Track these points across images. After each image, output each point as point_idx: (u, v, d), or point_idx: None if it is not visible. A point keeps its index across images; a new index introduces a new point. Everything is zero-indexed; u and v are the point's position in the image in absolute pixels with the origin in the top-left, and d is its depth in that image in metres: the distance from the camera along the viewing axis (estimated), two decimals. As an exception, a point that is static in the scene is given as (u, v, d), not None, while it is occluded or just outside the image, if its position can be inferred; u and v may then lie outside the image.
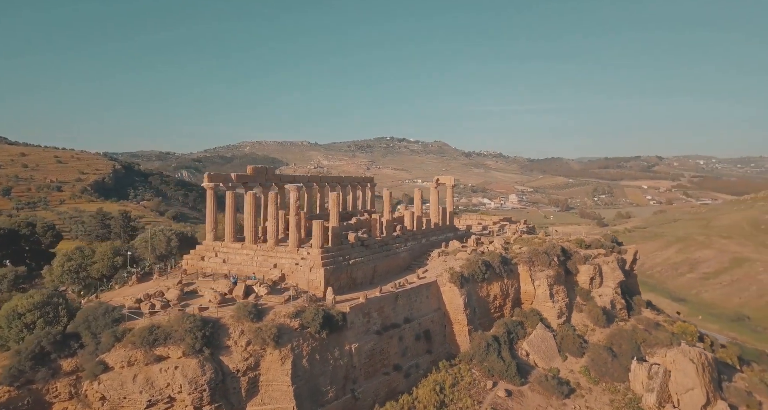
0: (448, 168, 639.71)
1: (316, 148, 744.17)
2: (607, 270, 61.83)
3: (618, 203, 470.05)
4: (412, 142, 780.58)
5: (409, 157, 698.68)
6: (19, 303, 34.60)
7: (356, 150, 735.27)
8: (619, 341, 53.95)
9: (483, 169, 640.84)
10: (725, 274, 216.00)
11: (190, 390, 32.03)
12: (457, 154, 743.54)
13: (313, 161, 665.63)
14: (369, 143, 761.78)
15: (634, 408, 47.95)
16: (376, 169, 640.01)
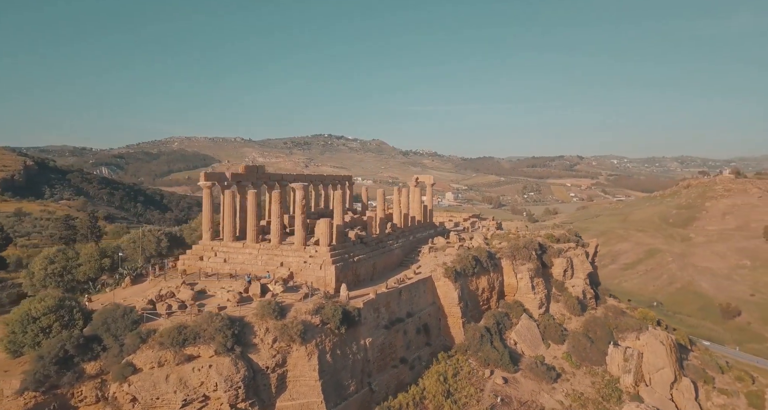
0: (387, 166, 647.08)
1: (250, 145, 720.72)
2: (577, 263, 67.09)
3: (545, 200, 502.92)
4: (351, 139, 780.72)
5: (348, 155, 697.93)
6: (33, 307, 33.44)
7: (293, 147, 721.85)
8: (594, 328, 58.96)
9: (420, 167, 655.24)
10: (641, 265, 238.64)
11: (226, 387, 32.13)
12: (395, 152, 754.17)
13: (247, 158, 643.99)
14: (306, 140, 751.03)
15: (613, 389, 52.75)
16: (315, 166, 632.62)
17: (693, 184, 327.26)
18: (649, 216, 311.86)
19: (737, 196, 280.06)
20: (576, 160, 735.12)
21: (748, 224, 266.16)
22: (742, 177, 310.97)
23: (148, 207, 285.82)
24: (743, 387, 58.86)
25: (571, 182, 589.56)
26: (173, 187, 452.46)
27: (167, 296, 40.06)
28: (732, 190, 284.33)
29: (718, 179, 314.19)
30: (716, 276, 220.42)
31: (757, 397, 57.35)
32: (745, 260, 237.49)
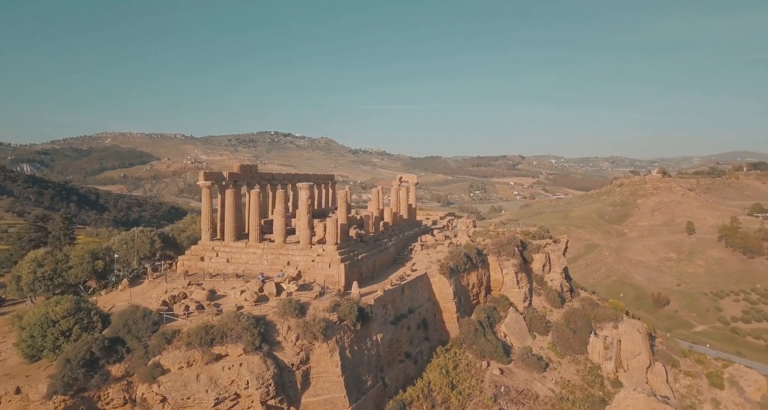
0: (336, 164, 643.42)
1: (192, 142, 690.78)
2: (554, 258, 70.95)
3: (490, 198, 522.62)
4: (299, 137, 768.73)
5: (296, 153, 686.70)
6: (51, 311, 32.99)
7: (238, 144, 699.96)
8: (575, 319, 62.74)
9: (370, 166, 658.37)
10: (582, 259, 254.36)
11: (257, 385, 32.52)
12: (344, 150, 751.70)
13: (189, 155, 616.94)
14: (252, 137, 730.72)
15: (595, 376, 56.52)
16: (261, 164, 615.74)
17: (625, 182, 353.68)
18: (588, 213, 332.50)
19: (664, 194, 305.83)
20: (518, 159, 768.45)
21: (673, 219, 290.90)
22: (667, 176, 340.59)
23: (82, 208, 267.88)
24: (703, 369, 65.14)
25: (514, 181, 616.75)
26: (108, 186, 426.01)
27: (180, 297, 39.87)
28: (659, 188, 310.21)
29: (648, 178, 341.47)
30: (647, 269, 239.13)
31: (716, 377, 63.63)
32: (672, 253, 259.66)
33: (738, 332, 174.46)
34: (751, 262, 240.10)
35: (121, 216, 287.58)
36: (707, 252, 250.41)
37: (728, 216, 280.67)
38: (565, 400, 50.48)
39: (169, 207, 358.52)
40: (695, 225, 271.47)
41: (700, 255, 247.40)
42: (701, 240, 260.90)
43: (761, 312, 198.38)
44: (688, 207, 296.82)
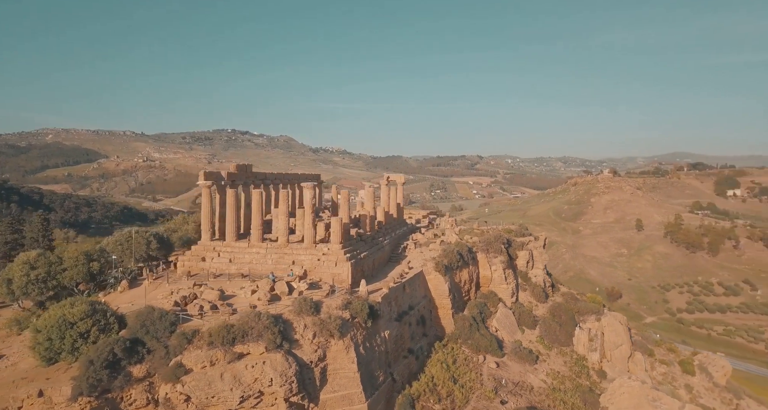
0: (296, 163, 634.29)
1: (143, 139, 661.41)
2: (537, 255, 73.88)
3: (451, 197, 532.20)
4: (257, 135, 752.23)
5: (255, 151, 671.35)
6: (68, 313, 32.74)
7: (193, 142, 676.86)
8: (559, 313, 65.66)
9: (331, 165, 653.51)
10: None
11: (281, 382, 32.94)
12: (304, 149, 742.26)
13: (140, 153, 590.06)
14: (208, 135, 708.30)
15: (581, 366, 59.45)
16: (218, 163, 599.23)
17: (579, 182, 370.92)
18: (545, 212, 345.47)
19: (615, 193, 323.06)
20: (476, 159, 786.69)
21: (624, 217, 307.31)
22: (618, 176, 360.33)
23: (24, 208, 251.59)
24: (675, 357, 69.95)
25: (473, 180, 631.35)
26: (51, 185, 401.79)
27: (191, 298, 39.87)
28: (611, 187, 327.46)
29: (600, 178, 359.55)
30: (601, 264, 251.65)
31: (688, 364, 68.42)
32: (623, 249, 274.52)
33: (683, 322, 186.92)
34: (693, 257, 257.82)
35: (69, 218, 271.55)
36: (654, 247, 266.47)
37: (672, 213, 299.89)
38: (558, 390, 52.93)
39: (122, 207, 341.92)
40: (643, 222, 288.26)
41: (648, 251, 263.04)
42: (649, 237, 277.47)
43: (703, 303, 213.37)
44: (637, 205, 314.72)
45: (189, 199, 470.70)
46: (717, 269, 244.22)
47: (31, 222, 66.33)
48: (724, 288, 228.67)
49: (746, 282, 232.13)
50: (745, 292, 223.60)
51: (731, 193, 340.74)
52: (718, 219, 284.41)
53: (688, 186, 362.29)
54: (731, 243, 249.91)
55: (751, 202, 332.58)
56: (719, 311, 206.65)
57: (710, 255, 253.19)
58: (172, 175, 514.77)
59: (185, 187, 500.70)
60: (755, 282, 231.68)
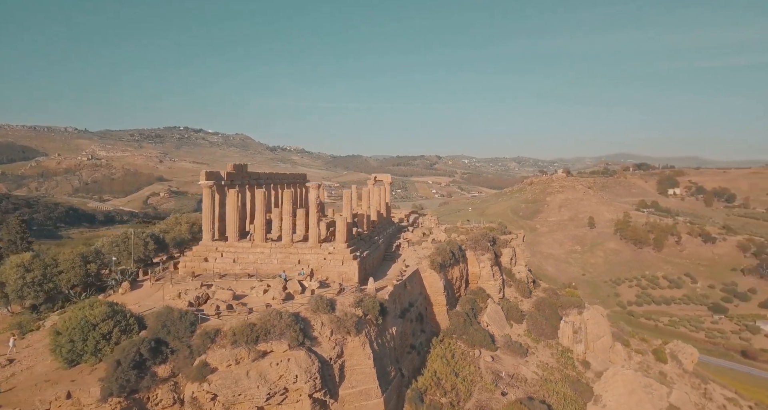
0: (254, 162, 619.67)
1: (86, 136, 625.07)
2: (519, 252, 76.71)
3: (411, 196, 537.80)
4: (211, 133, 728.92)
5: (209, 150, 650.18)
6: (89, 314, 32.73)
7: (142, 140, 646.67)
8: (543, 307, 68.54)
9: (290, 164, 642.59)
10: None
11: (306, 379, 33.64)
12: (261, 148, 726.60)
13: (84, 151, 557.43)
14: (158, 133, 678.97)
15: (567, 358, 62.38)
16: (171, 161, 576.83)
17: (535, 181, 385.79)
18: (503, 210, 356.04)
19: (569, 192, 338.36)
20: (435, 159, 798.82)
21: (577, 215, 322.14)
22: (571, 176, 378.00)
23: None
24: (648, 346, 74.81)
25: (432, 180, 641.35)
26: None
27: (203, 298, 40.07)
28: (565, 186, 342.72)
29: (554, 177, 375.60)
30: (557, 261, 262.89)
31: (660, 352, 73.20)
32: (577, 246, 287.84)
33: (633, 314, 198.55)
34: (640, 252, 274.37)
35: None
36: (606, 244, 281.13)
37: (621, 211, 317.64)
38: (549, 381, 55.50)
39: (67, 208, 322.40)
40: (595, 220, 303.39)
41: (600, 247, 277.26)
42: (600, 234, 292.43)
43: (650, 295, 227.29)
44: (589, 203, 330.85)
45: (140, 199, 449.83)
46: (662, 263, 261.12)
47: (8, 225, 62.24)
48: (669, 282, 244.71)
49: (687, 275, 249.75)
50: (687, 285, 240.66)
51: (672, 192, 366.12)
52: (661, 216, 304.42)
53: (634, 185, 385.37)
54: (674, 239, 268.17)
55: (689, 200, 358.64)
56: (664, 303, 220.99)
57: (655, 250, 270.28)
58: (120, 174, 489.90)
59: (134, 186, 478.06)
60: (695, 275, 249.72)
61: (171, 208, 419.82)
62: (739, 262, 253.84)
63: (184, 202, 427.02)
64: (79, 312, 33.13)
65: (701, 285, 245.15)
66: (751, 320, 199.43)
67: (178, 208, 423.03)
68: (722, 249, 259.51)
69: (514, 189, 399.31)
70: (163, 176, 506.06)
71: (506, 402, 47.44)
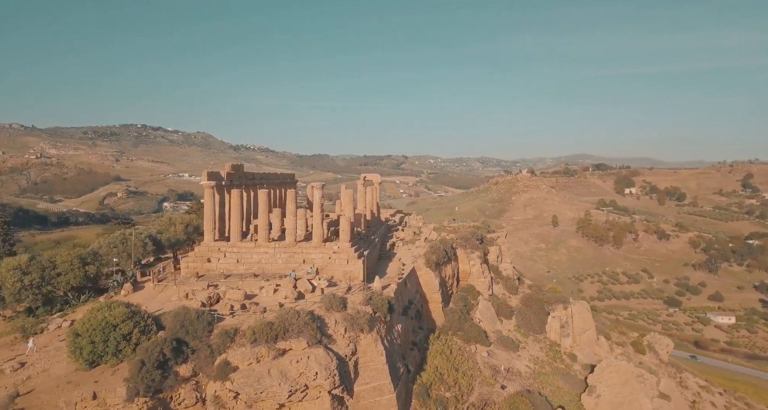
0: (216, 161, 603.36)
1: (34, 133, 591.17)
2: (504, 250, 78.87)
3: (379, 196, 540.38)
4: (171, 131, 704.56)
5: (169, 148, 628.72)
6: (109, 315, 32.65)
7: (96, 137, 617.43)
8: (530, 303, 70.80)
9: (255, 163, 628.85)
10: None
11: (326, 375, 34.11)
12: (224, 146, 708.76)
13: (32, 149, 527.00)
14: (114, 130, 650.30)
15: (555, 351, 64.68)
16: (128, 160, 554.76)
17: (500, 181, 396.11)
18: (471, 210, 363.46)
19: (533, 192, 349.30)
20: (402, 159, 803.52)
21: (541, 214, 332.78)
22: (535, 176, 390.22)
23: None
24: (627, 339, 78.71)
25: (399, 179, 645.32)
26: None
27: (214, 298, 40.16)
28: (529, 186, 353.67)
29: (519, 177, 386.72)
30: (523, 258, 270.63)
31: (639, 344, 76.98)
32: (542, 244, 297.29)
33: (596, 309, 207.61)
34: (601, 249, 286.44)
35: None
36: (568, 242, 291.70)
37: (582, 210, 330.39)
38: (541, 374, 57.60)
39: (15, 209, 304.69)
40: (558, 218, 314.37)
41: (563, 245, 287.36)
42: (563, 232, 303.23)
43: (611, 291, 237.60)
44: (552, 203, 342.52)
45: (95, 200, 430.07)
46: (621, 260, 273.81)
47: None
48: (628, 277, 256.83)
49: (644, 270, 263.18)
50: (644, 280, 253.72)
51: (628, 191, 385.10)
52: (619, 214, 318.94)
53: (593, 185, 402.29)
54: (632, 237, 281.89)
55: (644, 199, 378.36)
56: (624, 298, 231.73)
57: (615, 247, 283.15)
58: (73, 173, 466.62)
59: (89, 186, 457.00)
60: (651, 270, 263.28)
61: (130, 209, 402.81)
62: (691, 258, 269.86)
63: (144, 203, 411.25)
64: (98, 313, 32.85)
65: (657, 280, 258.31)
66: (702, 312, 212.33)
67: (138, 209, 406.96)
68: (675, 245, 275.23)
69: (481, 188, 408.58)
70: (120, 176, 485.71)
71: (506, 395, 48.97)
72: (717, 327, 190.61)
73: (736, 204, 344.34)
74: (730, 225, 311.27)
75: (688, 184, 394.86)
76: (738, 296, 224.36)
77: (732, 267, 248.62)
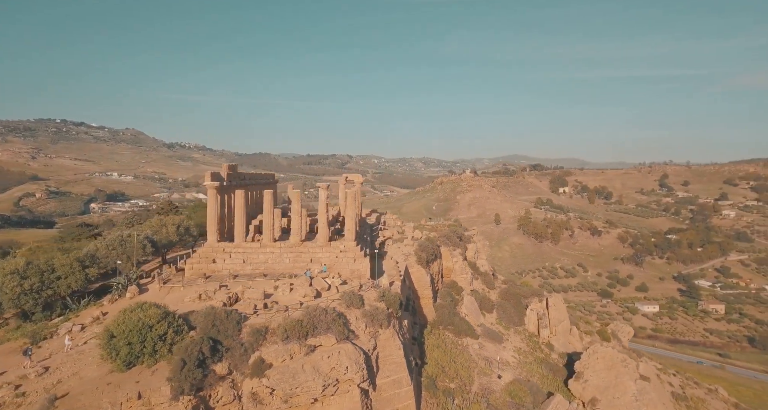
0: (148, 160, 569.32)
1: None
2: (481, 247, 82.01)
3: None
4: (96, 127, 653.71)
5: (94, 146, 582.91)
6: (144, 316, 32.78)
7: (7, 133, 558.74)
8: (509, 297, 74.23)
9: (191, 162, 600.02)
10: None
11: (356, 369, 35.47)
12: (156, 144, 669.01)
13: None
14: (28, 125, 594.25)
15: (534, 342, 68.37)
16: (47, 158, 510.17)
17: (445, 181, 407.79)
18: (418, 209, 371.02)
19: (476, 191, 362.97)
20: (346, 158, 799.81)
21: (485, 212, 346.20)
22: (477, 176, 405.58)
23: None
24: (592, 328, 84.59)
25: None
26: None
27: (233, 298, 40.60)
28: (473, 185, 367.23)
29: (463, 177, 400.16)
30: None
31: (604, 332, 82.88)
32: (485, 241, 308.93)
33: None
34: (540, 246, 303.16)
35: None
36: (511, 239, 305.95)
37: (522, 208, 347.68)
38: (526, 364, 60.94)
39: None
40: (501, 217, 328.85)
41: (506, 242, 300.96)
42: (506, 230, 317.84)
43: (551, 284, 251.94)
44: (494, 201, 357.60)
45: (9, 201, 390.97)
46: (559, 255, 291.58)
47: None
48: (565, 272, 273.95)
49: (580, 265, 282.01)
50: (580, 274, 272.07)
51: (562, 190, 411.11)
52: (556, 213, 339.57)
53: (531, 184, 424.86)
54: (568, 233, 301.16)
55: (576, 198, 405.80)
56: (563, 291, 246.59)
57: (553, 243, 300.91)
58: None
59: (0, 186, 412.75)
60: (586, 264, 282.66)
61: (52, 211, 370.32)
62: (620, 252, 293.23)
63: (67, 204, 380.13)
64: (132, 314, 32.75)
65: (591, 274, 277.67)
66: (630, 302, 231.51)
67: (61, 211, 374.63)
68: (606, 241, 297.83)
69: (426, 188, 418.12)
70: (38, 174, 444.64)
71: (504, 383, 51.50)
72: (644, 315, 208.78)
73: (654, 202, 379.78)
74: (651, 222, 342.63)
75: (614, 184, 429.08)
76: (660, 286, 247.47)
77: (654, 260, 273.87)
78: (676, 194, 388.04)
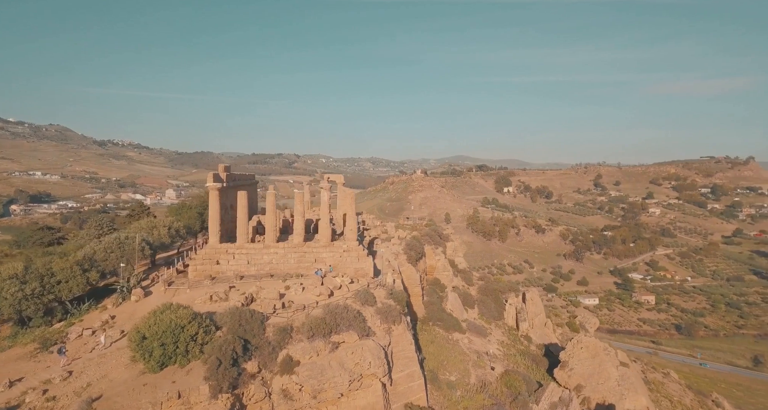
0: (78, 158, 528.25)
1: None
2: (457, 245, 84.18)
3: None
4: (14, 123, 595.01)
5: (12, 142, 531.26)
6: (175, 317, 33.13)
7: None
8: (488, 292, 76.77)
9: (125, 160, 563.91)
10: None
11: (378, 364, 36.97)
12: (86, 142, 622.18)
13: None
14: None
15: (514, 334, 71.46)
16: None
17: (396, 181, 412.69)
18: (371, 208, 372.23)
19: (427, 191, 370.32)
20: (294, 158, 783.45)
21: (435, 211, 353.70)
22: (427, 176, 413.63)
23: None
24: (562, 320, 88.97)
25: (293, 179, 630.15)
26: None
27: (249, 298, 41.17)
28: (424, 185, 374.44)
29: (414, 177, 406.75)
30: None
31: (572, 324, 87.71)
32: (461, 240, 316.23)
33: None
34: (488, 243, 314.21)
35: None
36: (460, 237, 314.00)
37: (470, 207, 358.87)
38: (510, 355, 63.65)
39: None
40: (450, 216, 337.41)
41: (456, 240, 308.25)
42: (456, 228, 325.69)
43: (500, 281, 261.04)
44: (444, 201, 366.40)
45: None
46: (506, 252, 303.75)
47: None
48: (513, 268, 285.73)
49: (526, 261, 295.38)
50: (526, 270, 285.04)
51: (506, 190, 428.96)
52: (502, 211, 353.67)
53: (477, 184, 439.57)
54: (514, 231, 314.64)
55: (519, 197, 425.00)
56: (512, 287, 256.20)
57: (501, 241, 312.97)
58: None
59: None
60: (532, 261, 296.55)
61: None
62: (562, 249, 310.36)
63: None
64: (163, 315, 32.97)
65: (537, 270, 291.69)
66: (573, 296, 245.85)
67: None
68: (549, 238, 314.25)
69: (378, 188, 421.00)
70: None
71: (498, 374, 53.56)
72: (585, 308, 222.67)
73: (590, 200, 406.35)
74: (588, 220, 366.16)
75: (553, 184, 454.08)
76: (598, 280, 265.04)
77: (593, 256, 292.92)
78: (609, 193, 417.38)
